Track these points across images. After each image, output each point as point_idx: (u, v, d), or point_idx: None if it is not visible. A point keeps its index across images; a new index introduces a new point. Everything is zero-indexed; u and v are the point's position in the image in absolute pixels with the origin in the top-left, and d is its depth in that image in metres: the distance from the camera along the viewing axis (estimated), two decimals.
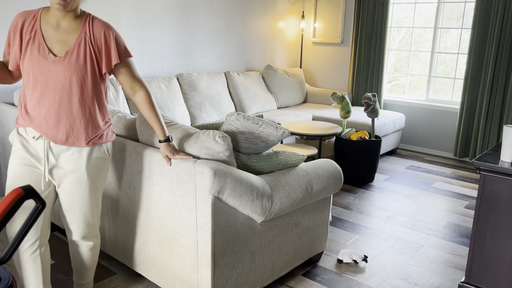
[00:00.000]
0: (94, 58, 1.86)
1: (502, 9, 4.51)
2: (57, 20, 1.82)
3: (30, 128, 1.88)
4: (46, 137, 1.87)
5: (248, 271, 2.19)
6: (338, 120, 4.92)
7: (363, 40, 5.59)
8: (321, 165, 2.51)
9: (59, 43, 1.81)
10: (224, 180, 1.91)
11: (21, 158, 1.90)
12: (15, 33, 1.83)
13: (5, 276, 1.20)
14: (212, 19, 4.94)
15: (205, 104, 4.52)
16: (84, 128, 1.89)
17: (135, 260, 2.42)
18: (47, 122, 1.85)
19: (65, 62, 1.80)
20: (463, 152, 5.05)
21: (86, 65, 1.84)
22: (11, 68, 1.90)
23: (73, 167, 1.93)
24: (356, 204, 3.71)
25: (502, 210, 2.16)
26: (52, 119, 1.84)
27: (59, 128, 1.85)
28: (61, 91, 1.82)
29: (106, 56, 1.88)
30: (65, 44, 1.82)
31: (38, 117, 1.85)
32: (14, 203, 1.09)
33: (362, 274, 2.64)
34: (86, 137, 1.91)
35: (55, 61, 1.80)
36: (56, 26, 1.82)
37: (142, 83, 1.98)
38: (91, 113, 1.90)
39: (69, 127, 1.87)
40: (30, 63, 1.80)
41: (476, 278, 2.31)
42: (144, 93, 1.97)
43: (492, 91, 4.73)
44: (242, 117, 2.20)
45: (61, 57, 1.80)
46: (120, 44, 1.91)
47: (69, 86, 1.83)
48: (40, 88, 1.82)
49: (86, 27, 1.84)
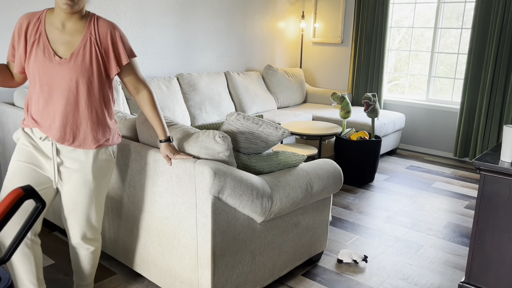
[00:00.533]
0: (100, 59, 1.84)
1: (502, 9, 4.51)
2: (62, 21, 1.80)
3: (36, 129, 1.88)
4: (53, 138, 1.86)
5: (248, 271, 2.19)
6: (338, 120, 4.92)
7: (363, 40, 5.59)
8: (321, 165, 2.51)
9: (64, 45, 1.80)
10: (224, 180, 1.91)
11: (26, 156, 1.89)
12: (20, 36, 1.81)
13: (5, 276, 1.20)
14: (212, 19, 4.94)
15: (205, 104, 4.52)
16: (91, 130, 1.89)
17: (135, 260, 2.42)
18: (54, 124, 1.84)
19: (70, 63, 1.79)
20: (463, 152, 5.05)
21: (92, 66, 1.82)
22: (16, 70, 1.89)
23: (79, 168, 1.92)
24: (356, 204, 3.71)
25: (502, 210, 2.16)
26: (59, 121, 1.83)
27: (66, 130, 1.85)
28: (67, 93, 1.81)
29: (116, 57, 1.87)
30: (70, 45, 1.80)
31: (45, 119, 1.85)
32: (14, 203, 1.09)
33: (362, 274, 2.64)
34: (93, 139, 1.90)
35: (61, 63, 1.78)
36: (61, 27, 1.80)
37: (146, 83, 1.98)
38: (98, 114, 1.90)
39: (76, 129, 1.86)
40: (36, 66, 1.79)
41: (476, 278, 2.31)
42: (147, 93, 1.97)
43: (492, 91, 4.73)
44: (242, 117, 2.20)
45: (67, 58, 1.79)
46: (126, 44, 1.91)
47: (76, 88, 1.81)
48: (46, 90, 1.81)
49: (91, 28, 1.83)
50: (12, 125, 3.08)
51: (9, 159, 3.26)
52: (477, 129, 4.89)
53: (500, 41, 4.59)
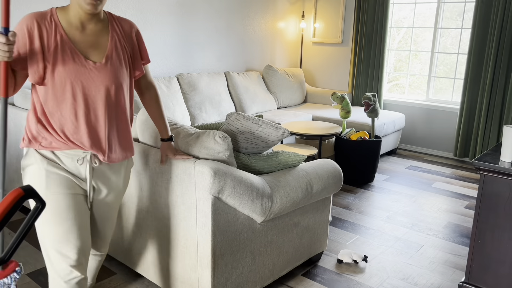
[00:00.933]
0: (127, 59, 1.72)
1: (502, 9, 4.51)
2: (82, 21, 1.60)
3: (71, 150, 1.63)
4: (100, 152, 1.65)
5: (248, 271, 2.19)
6: (338, 120, 4.92)
7: (363, 40, 5.59)
8: (321, 165, 2.51)
9: (91, 48, 1.61)
10: (224, 180, 1.91)
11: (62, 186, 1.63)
12: (33, 41, 1.53)
13: None
14: (212, 19, 4.94)
15: (205, 104, 4.52)
16: (130, 136, 1.77)
17: (135, 260, 2.42)
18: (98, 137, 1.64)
19: (107, 67, 1.62)
20: (463, 152, 5.05)
21: (124, 67, 1.69)
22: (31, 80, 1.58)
23: (115, 182, 1.79)
24: (356, 204, 3.71)
25: (502, 210, 2.16)
26: (103, 133, 1.64)
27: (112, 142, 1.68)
28: (107, 100, 1.63)
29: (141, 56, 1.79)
30: (99, 48, 1.62)
31: (85, 135, 1.61)
32: (14, 203, 1.09)
33: (362, 274, 2.64)
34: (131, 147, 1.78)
35: (97, 68, 1.60)
36: (81, 28, 1.60)
37: (154, 82, 1.94)
38: (130, 118, 1.78)
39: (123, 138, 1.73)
40: (66, 75, 1.55)
41: (476, 278, 2.31)
42: (155, 91, 1.92)
43: (492, 91, 4.73)
44: (242, 117, 2.20)
45: (101, 63, 1.61)
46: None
47: (114, 94, 1.64)
48: (82, 101, 1.59)
49: (115, 28, 1.68)
50: (12, 125, 3.08)
51: (9, 159, 3.25)
52: (477, 129, 4.89)
53: (500, 41, 4.59)
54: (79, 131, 1.61)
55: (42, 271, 2.56)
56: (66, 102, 1.58)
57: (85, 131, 1.61)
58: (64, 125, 1.59)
